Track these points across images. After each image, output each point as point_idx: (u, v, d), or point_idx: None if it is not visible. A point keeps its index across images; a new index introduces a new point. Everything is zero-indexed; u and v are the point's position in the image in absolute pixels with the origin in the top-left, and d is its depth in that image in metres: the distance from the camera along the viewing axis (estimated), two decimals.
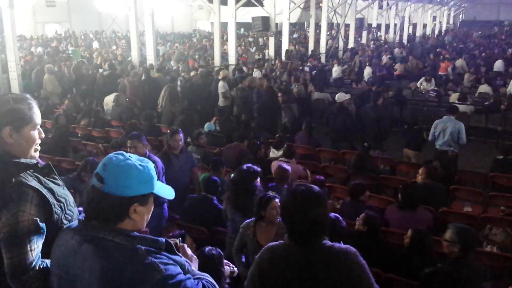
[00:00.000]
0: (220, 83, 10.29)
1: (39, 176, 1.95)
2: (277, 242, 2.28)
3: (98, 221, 1.69)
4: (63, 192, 2.04)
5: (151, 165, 1.77)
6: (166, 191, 1.87)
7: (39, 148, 2.04)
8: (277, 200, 3.81)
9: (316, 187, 2.22)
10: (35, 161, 1.98)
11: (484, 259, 4.52)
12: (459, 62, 17.46)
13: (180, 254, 1.84)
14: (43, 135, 2.04)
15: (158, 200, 1.84)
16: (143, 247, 1.65)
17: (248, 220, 3.96)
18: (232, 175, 4.79)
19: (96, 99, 10.65)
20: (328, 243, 2.13)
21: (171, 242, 1.81)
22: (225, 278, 3.23)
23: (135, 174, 1.70)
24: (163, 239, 1.75)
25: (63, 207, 1.97)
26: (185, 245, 1.99)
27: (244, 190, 4.39)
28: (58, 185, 2.03)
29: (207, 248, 3.27)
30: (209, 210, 4.78)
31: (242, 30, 26.08)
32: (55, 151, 7.21)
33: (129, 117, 8.97)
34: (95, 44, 23.27)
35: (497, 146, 9.62)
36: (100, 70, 12.24)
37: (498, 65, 17.06)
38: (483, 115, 10.81)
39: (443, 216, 5.22)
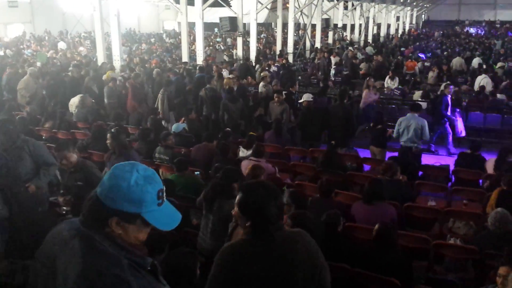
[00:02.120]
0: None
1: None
2: (234, 241, 2.36)
3: (90, 220, 1.69)
4: None
5: (152, 188, 1.69)
6: (161, 220, 1.74)
7: None
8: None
9: (268, 182, 2.32)
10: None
11: (448, 251, 4.69)
12: (458, 61, 17.96)
13: (164, 282, 1.83)
14: None
15: None
16: (127, 260, 1.66)
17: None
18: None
19: (60, 101, 10.42)
20: (282, 228, 2.24)
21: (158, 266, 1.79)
22: (198, 278, 3.25)
23: (123, 189, 1.65)
24: (150, 259, 1.76)
25: None
26: None
27: (222, 190, 4.42)
28: None
29: (181, 250, 3.28)
30: None
31: (216, 30, 25.96)
32: None
33: (95, 118, 8.82)
34: (61, 45, 22.69)
35: (459, 141, 9.98)
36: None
37: (459, 62, 17.64)
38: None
39: (408, 210, 5.36)
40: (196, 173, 6.13)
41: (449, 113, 9.34)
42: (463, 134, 9.77)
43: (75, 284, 1.61)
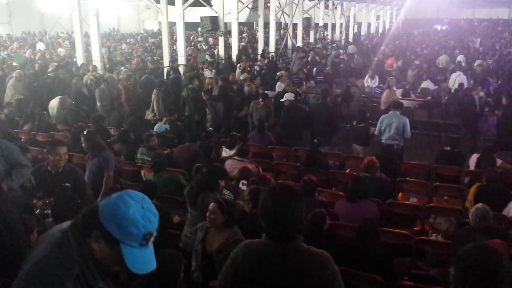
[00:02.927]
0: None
1: None
2: (255, 240, 2.25)
3: (79, 224, 1.78)
4: None
5: (143, 227, 1.70)
6: (134, 260, 1.73)
7: None
8: (215, 204, 3.78)
9: (292, 186, 2.24)
10: None
11: (430, 247, 4.75)
12: (444, 58, 18.23)
13: None
14: None
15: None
16: (78, 270, 1.72)
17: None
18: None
19: (39, 103, 10.25)
20: (304, 245, 2.14)
21: None
22: (181, 279, 3.23)
23: (120, 212, 1.70)
24: (102, 285, 1.82)
25: None
26: None
27: (206, 185, 4.42)
28: None
29: (165, 252, 3.25)
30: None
31: (199, 29, 25.79)
32: None
33: (75, 120, 8.69)
34: (40, 46, 22.32)
35: (439, 139, 10.13)
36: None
37: (445, 59, 17.93)
38: (426, 110, 11.31)
39: (390, 207, 5.42)
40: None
41: None
42: None
43: (26, 269, 1.74)
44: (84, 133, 5.50)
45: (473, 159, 6.73)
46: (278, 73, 12.73)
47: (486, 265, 1.75)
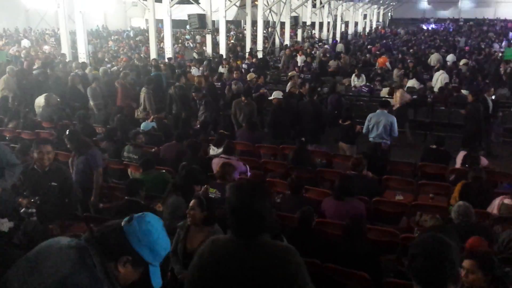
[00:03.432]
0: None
1: None
2: (221, 236, 2.32)
3: (104, 246, 1.79)
4: None
5: (164, 251, 1.87)
6: (155, 276, 1.89)
7: None
8: (195, 200, 3.77)
9: (258, 181, 2.27)
10: None
11: None
12: (436, 57, 18.33)
13: None
14: None
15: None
16: None
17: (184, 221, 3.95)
18: None
19: (25, 100, 10.11)
20: (269, 240, 2.18)
21: None
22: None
23: (153, 238, 1.82)
24: None
25: None
26: None
27: (180, 188, 4.40)
28: None
29: None
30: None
31: (188, 27, 25.66)
32: None
33: (61, 117, 8.60)
34: (25, 43, 22.02)
35: (425, 137, 10.23)
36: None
37: (437, 58, 18.09)
38: (412, 109, 11.40)
39: (376, 205, 5.46)
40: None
41: None
42: None
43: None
44: (67, 133, 5.43)
45: (460, 157, 6.81)
46: (289, 73, 12.70)
47: (431, 253, 1.89)
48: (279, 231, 3.65)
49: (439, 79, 12.72)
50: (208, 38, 18.29)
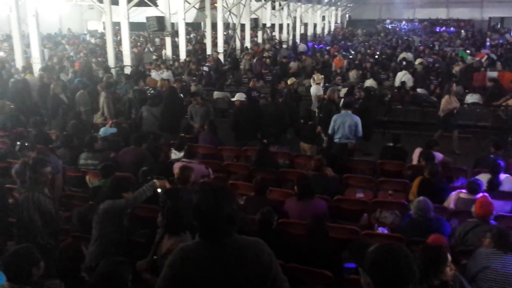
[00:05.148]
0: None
1: None
2: (189, 242, 2.28)
3: None
4: None
5: None
6: None
7: None
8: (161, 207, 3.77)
9: (222, 184, 2.27)
10: None
11: (376, 240, 4.88)
12: (404, 55, 18.77)
13: None
14: None
15: None
16: None
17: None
18: None
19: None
20: (237, 236, 2.19)
21: None
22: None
23: None
24: None
25: None
26: None
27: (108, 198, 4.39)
28: None
29: (113, 259, 3.16)
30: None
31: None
32: None
33: (15, 125, 8.28)
34: None
35: (383, 135, 10.46)
36: None
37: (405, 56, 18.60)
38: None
39: (337, 203, 5.54)
40: None
41: None
42: None
43: None
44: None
45: (416, 154, 7.00)
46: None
47: (388, 261, 1.89)
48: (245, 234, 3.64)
49: (403, 79, 13.03)
50: (168, 40, 18.08)
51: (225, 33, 22.26)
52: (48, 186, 4.60)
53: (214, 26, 21.17)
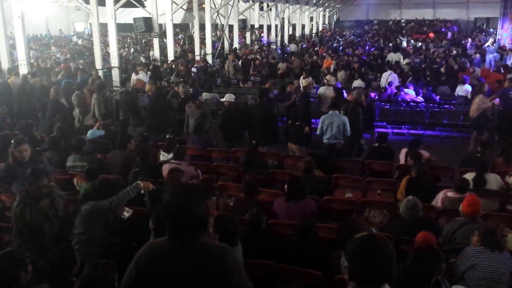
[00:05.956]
0: None
1: None
2: (158, 239, 2.33)
3: None
4: None
5: None
6: None
7: None
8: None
9: (196, 185, 2.29)
10: None
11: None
12: (396, 56, 18.82)
13: None
14: None
15: None
16: None
17: None
18: None
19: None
20: (205, 240, 2.24)
21: None
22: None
23: None
24: None
25: None
26: None
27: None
28: None
29: (97, 261, 3.14)
30: None
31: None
32: None
33: (1, 127, 8.18)
34: None
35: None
36: None
37: (397, 57, 18.68)
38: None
39: (327, 203, 5.56)
40: None
41: None
42: None
43: None
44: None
45: (402, 153, 7.05)
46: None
47: (367, 254, 1.89)
48: (235, 236, 3.63)
49: (388, 79, 13.11)
50: (156, 42, 18.00)
51: (213, 34, 22.22)
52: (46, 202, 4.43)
53: (202, 27, 21.12)
